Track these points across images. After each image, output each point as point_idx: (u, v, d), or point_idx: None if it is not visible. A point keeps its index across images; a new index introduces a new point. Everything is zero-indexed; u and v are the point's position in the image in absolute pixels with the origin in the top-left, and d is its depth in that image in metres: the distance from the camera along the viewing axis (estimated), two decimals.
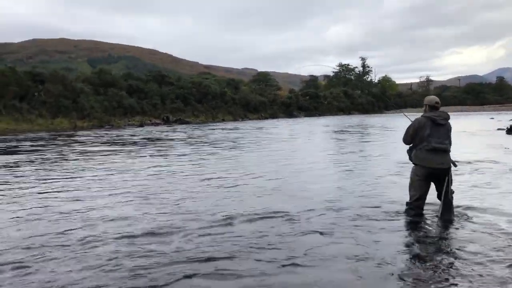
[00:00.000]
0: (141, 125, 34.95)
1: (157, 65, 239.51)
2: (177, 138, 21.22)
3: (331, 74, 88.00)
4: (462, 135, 21.70)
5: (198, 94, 46.35)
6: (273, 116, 54.03)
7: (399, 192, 6.88)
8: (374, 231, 5.01)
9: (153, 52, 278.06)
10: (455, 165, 5.56)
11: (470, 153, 12.46)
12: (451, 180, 5.55)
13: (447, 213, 5.47)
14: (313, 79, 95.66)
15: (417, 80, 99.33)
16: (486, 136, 21.25)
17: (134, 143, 18.25)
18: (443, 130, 5.48)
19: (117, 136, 23.25)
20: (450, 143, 5.54)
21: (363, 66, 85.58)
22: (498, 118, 40.36)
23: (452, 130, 5.64)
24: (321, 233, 4.90)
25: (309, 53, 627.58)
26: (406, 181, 5.98)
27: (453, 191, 5.59)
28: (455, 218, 5.50)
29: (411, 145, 5.73)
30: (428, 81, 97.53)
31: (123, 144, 17.74)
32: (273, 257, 4.12)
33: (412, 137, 5.61)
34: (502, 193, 7.03)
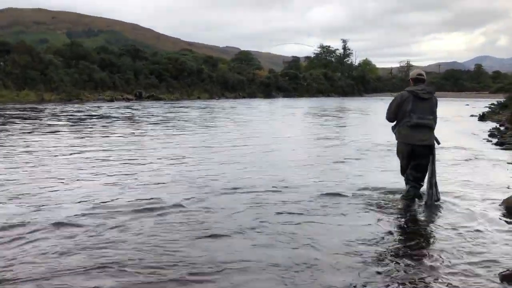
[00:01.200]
0: (111, 100, 33.90)
1: (138, 40, 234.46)
2: (124, 116, 20.41)
3: (312, 55, 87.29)
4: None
5: (174, 70, 45.24)
6: (251, 95, 53.32)
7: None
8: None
9: (135, 27, 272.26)
10: (438, 143, 5.28)
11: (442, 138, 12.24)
12: (434, 160, 5.26)
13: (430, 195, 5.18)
14: (295, 60, 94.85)
15: (398, 65, 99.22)
16: (458, 122, 21.28)
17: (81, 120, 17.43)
18: (427, 105, 5.16)
19: (77, 111, 22.34)
20: (434, 119, 5.23)
21: (344, 48, 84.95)
22: (473, 105, 40.61)
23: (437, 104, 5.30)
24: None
25: (293, 33, 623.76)
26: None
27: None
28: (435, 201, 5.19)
29: (395, 122, 5.42)
30: (409, 66, 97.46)
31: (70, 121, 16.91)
32: None
33: (395, 113, 5.32)
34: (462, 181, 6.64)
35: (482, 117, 24.12)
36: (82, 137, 11.20)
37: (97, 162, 7.59)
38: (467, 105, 43.43)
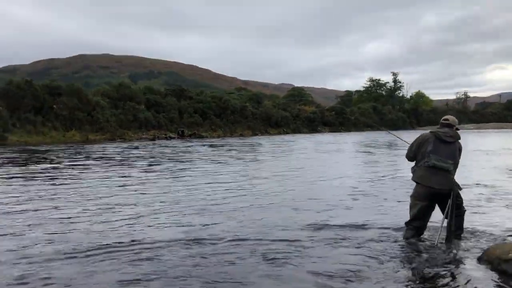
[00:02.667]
0: (153, 139, 34.87)
1: (197, 81, 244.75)
2: (155, 156, 20.65)
3: (362, 89, 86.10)
4: (475, 153, 20.37)
5: (218, 109, 46.10)
6: (296, 131, 53.04)
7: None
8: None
9: (193, 68, 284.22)
10: (460, 188, 5.11)
11: (467, 173, 11.33)
12: (460, 204, 5.14)
13: (448, 238, 5.07)
14: (347, 94, 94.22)
15: (454, 97, 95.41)
16: (502, 155, 19.86)
17: (109, 159, 17.79)
18: (448, 148, 5.08)
19: (106, 151, 23.00)
20: (455, 164, 5.10)
21: (395, 81, 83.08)
22: None
23: (462, 151, 5.24)
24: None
25: (346, 68, 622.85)
26: None
27: (464, 210, 5.28)
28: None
29: (414, 162, 5.38)
30: (466, 96, 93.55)
31: (93, 160, 17.31)
32: None
33: (414, 152, 5.28)
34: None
35: None
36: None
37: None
38: None
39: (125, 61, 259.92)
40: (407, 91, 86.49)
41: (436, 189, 4.97)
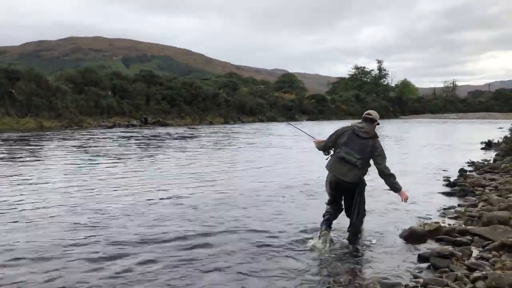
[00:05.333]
0: (112, 127, 33.77)
1: (190, 65, 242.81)
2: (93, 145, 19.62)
3: (347, 77, 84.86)
4: (428, 149, 19.69)
5: (189, 95, 44.89)
6: (272, 119, 51.98)
7: None
8: None
9: (187, 52, 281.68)
10: (364, 184, 5.31)
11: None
12: (363, 201, 5.32)
13: (352, 237, 5.45)
14: (339, 81, 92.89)
15: (442, 85, 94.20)
16: (452, 151, 19.22)
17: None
18: (360, 144, 5.15)
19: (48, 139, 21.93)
20: (363, 160, 5.14)
21: (380, 69, 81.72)
22: (508, 127, 37.46)
23: (379, 149, 5.22)
24: None
25: (341, 54, 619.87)
26: None
27: (365, 214, 5.44)
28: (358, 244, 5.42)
29: (323, 151, 5.57)
30: (454, 85, 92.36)
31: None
32: None
33: (332, 142, 5.39)
34: None
35: (489, 145, 21.40)
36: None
37: None
38: (501, 128, 39.89)
39: (117, 43, 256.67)
40: (392, 79, 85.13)
41: (340, 179, 5.15)
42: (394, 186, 5.25)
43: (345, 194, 5.34)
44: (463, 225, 6.27)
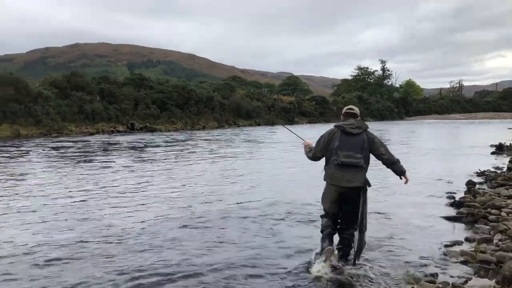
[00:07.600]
0: (94, 133, 31.78)
1: (195, 70, 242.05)
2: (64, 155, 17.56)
3: (350, 78, 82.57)
4: (431, 155, 17.59)
5: (181, 98, 42.89)
6: (270, 122, 49.85)
7: None
8: None
9: (191, 57, 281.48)
10: (369, 185, 4.75)
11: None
12: (365, 204, 4.67)
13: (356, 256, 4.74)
14: (343, 82, 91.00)
15: (448, 85, 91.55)
16: (459, 156, 17.05)
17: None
18: (356, 141, 4.67)
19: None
20: (365, 157, 4.67)
21: (383, 69, 79.21)
22: None
23: (376, 139, 4.75)
24: None
25: (345, 56, 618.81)
26: None
27: (366, 228, 4.74)
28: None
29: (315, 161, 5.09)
30: (461, 85, 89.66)
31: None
32: None
33: (322, 151, 4.86)
34: None
35: (500, 149, 19.00)
36: None
37: None
38: (510, 128, 37.65)
39: (122, 49, 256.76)
40: (396, 80, 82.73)
41: (347, 188, 4.67)
42: (401, 170, 4.79)
43: (346, 202, 4.78)
44: (474, 279, 4.10)
